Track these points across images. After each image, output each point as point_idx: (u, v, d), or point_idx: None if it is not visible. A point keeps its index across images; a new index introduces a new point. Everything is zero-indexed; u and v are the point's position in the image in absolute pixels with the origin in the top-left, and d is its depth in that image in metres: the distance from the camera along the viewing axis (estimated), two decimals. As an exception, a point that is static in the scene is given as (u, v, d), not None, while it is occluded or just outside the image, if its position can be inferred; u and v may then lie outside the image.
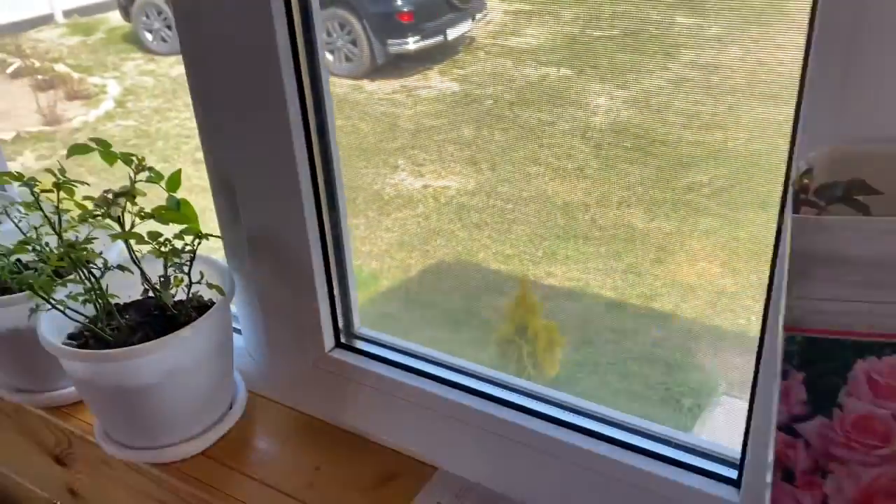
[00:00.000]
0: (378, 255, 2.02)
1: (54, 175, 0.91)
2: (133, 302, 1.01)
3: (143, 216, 0.89)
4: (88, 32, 4.37)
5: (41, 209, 0.93)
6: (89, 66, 4.09)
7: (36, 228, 0.99)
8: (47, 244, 0.98)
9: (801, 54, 1.05)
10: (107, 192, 0.89)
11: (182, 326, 0.91)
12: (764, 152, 1.14)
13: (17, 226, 1.03)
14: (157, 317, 0.97)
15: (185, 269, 0.95)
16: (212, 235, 0.95)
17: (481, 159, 2.57)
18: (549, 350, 1.63)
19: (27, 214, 1.01)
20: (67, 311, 0.92)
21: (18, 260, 1.03)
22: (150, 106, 3.58)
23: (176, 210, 0.91)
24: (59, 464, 1.16)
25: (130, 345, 0.90)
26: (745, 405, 0.78)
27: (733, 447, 0.80)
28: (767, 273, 0.68)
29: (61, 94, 3.95)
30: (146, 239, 0.91)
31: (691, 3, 1.09)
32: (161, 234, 0.91)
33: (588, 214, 2.24)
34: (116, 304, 0.96)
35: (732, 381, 1.33)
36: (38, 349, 0.92)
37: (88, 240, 0.92)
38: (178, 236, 0.93)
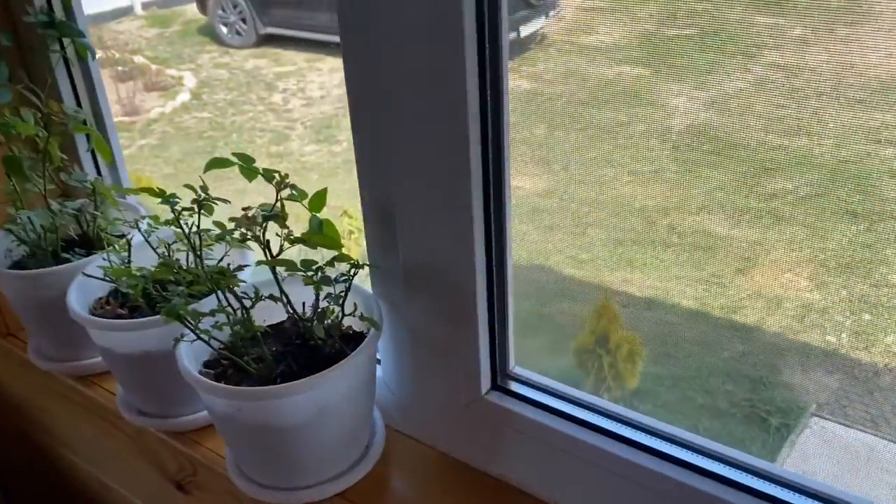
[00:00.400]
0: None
1: (194, 191, 0.85)
2: (272, 328, 0.92)
3: (293, 241, 0.81)
4: (166, 24, 4.47)
5: (181, 228, 0.87)
6: (166, 57, 4.17)
7: (168, 245, 0.96)
8: (178, 261, 0.94)
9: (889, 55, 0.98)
10: (246, 209, 0.82)
11: (327, 358, 0.83)
12: (853, 159, 1.07)
13: (146, 240, 0.99)
14: (300, 346, 0.88)
15: (339, 300, 0.86)
16: (367, 265, 0.87)
17: (554, 159, 2.52)
18: (630, 362, 1.59)
19: (156, 228, 0.97)
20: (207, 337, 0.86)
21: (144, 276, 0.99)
22: (224, 98, 3.63)
23: (320, 232, 0.82)
24: (179, 490, 1.12)
25: (274, 378, 0.83)
26: (839, 428, 0.73)
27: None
28: (858, 288, 0.62)
29: (140, 85, 4.04)
30: (299, 267, 0.83)
31: (772, 2, 1.03)
32: (315, 263, 0.83)
33: (667, 219, 2.18)
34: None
35: (823, 401, 1.27)
36: (168, 373, 0.87)
37: (240, 267, 0.87)
38: (329, 264, 0.84)
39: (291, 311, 0.88)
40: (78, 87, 1.23)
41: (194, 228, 0.89)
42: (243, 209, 0.83)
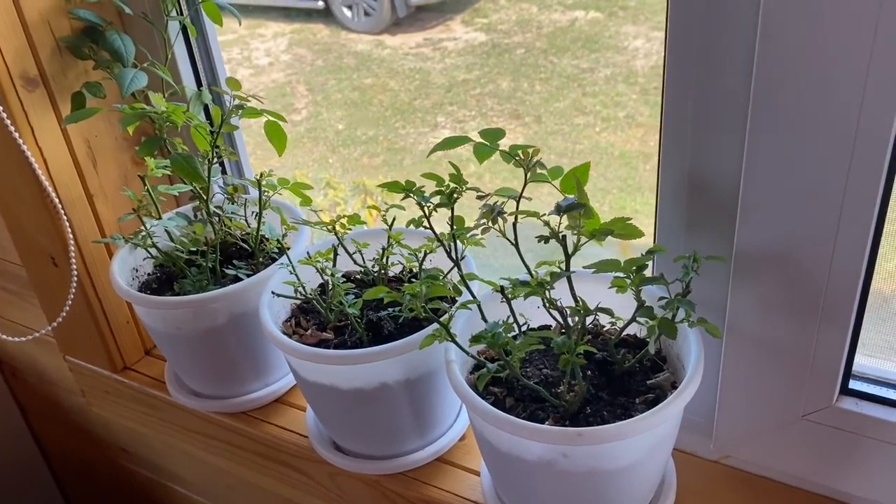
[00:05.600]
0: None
1: (438, 181, 0.72)
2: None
3: (593, 235, 0.65)
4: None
5: (432, 229, 0.74)
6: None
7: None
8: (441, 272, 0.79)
9: None
10: (483, 196, 0.69)
11: (625, 375, 0.72)
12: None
13: (343, 245, 0.86)
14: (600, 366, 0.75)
15: (675, 304, 0.69)
16: (718, 256, 0.70)
17: (524, 112, 2.46)
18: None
19: (349, 229, 0.85)
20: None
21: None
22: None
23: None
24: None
25: (582, 412, 0.69)
26: None
27: None
28: None
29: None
30: (621, 267, 0.67)
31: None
32: (643, 270, 0.67)
33: (649, 164, 2.21)
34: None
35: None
36: (412, 407, 0.82)
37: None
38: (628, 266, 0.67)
39: (608, 345, 0.75)
40: (198, 64, 1.00)
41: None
42: (480, 196, 0.70)
